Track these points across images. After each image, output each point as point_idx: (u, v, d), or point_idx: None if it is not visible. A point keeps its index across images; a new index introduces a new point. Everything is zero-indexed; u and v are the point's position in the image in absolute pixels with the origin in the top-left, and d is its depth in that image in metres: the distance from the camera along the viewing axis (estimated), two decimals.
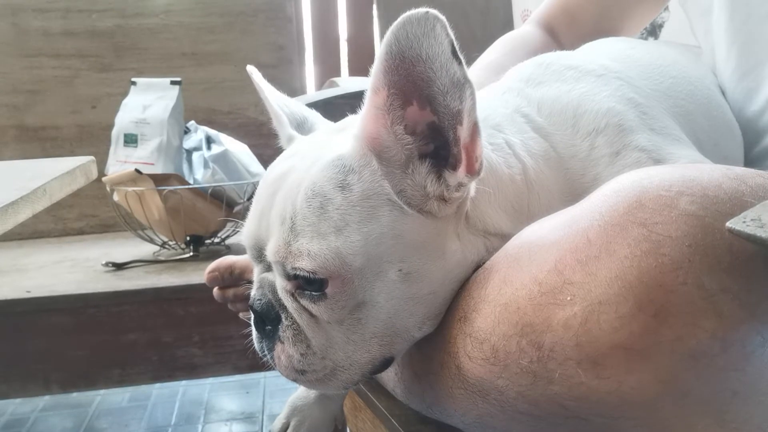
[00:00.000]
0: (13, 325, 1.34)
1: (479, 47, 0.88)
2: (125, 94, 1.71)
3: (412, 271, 0.47)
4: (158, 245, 1.61)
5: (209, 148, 1.67)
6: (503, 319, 0.43)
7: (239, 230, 0.53)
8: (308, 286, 0.47)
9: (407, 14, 0.41)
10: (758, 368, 0.37)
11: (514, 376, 0.42)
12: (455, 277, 0.50)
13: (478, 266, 0.50)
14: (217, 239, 1.63)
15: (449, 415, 0.51)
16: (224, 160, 1.63)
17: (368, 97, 0.46)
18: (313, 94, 1.86)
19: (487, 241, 0.51)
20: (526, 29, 0.94)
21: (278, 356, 0.51)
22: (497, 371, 0.43)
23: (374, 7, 1.76)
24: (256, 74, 0.62)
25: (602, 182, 0.47)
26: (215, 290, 0.73)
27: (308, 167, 0.48)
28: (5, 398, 1.66)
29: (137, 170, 1.46)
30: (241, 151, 1.69)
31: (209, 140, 1.69)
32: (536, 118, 0.58)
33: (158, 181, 1.48)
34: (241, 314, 0.73)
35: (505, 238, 0.50)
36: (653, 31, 1.40)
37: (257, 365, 0.61)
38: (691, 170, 0.43)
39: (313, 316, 0.49)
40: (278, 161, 0.53)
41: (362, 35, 2.18)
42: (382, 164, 0.47)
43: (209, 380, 1.88)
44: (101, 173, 1.38)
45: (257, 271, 0.53)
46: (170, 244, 1.60)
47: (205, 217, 1.53)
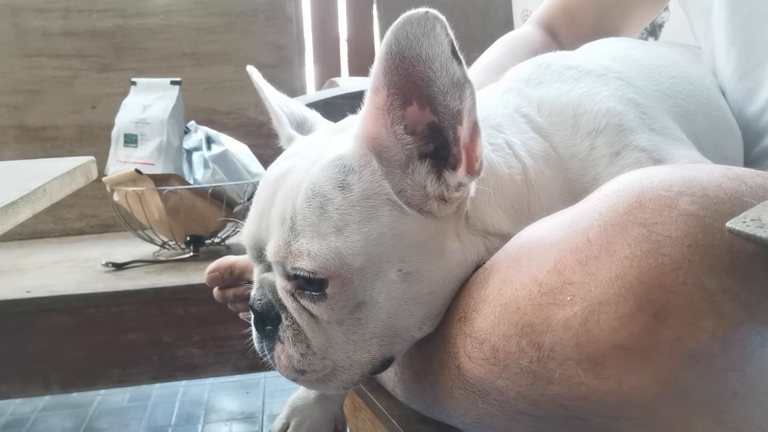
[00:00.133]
0: (13, 325, 1.34)
1: (479, 47, 0.88)
2: (125, 94, 1.71)
3: (412, 271, 0.47)
4: (158, 245, 1.61)
5: (209, 148, 1.67)
6: (503, 319, 0.43)
7: (239, 230, 0.53)
8: (308, 286, 0.47)
9: (407, 14, 0.41)
10: (758, 368, 0.37)
11: (514, 376, 0.42)
12: (455, 277, 0.50)
13: (478, 266, 0.50)
14: (217, 239, 1.63)
15: (449, 415, 0.51)
16: (224, 160, 1.63)
17: (368, 97, 0.46)
18: (313, 94, 1.86)
19: (487, 241, 0.51)
20: (526, 29, 0.94)
21: (278, 356, 0.51)
22: (497, 371, 0.43)
23: (374, 7, 1.76)
24: (256, 74, 0.62)
25: (602, 182, 0.47)
26: (215, 290, 0.74)
27: (308, 167, 0.48)
28: (5, 398, 1.66)
29: (137, 170, 1.47)
30: (241, 151, 1.69)
31: (209, 140, 1.69)
32: (536, 118, 0.58)
33: (158, 181, 1.48)
34: (241, 314, 0.73)
35: (505, 238, 0.50)
36: (653, 31, 1.40)
37: (257, 365, 0.61)
38: (691, 170, 0.43)
39: (313, 316, 0.49)
40: (278, 161, 0.53)
41: (362, 35, 2.18)
42: (382, 164, 0.47)
43: (209, 380, 1.87)
44: (101, 173, 1.38)
45: (257, 271, 0.53)
46: (170, 244, 1.60)
47: (205, 217, 1.53)
